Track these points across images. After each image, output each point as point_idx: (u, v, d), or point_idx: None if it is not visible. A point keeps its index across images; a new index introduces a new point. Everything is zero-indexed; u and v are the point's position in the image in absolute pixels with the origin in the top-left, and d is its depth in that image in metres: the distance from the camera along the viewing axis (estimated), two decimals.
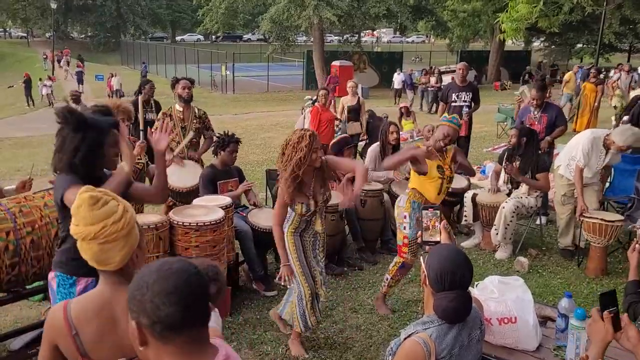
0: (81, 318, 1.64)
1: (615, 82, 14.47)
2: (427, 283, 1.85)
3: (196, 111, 5.53)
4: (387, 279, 4.20)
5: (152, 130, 5.43)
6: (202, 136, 5.60)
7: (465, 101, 7.29)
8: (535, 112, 6.06)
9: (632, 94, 10.65)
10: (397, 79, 21.84)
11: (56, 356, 1.68)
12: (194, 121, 5.46)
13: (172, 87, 5.62)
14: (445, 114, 4.66)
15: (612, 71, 20.57)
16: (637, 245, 2.60)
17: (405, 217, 4.06)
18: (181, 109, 5.42)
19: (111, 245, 1.63)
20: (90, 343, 1.64)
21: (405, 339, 1.85)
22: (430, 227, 2.26)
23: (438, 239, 2.28)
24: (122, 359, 1.67)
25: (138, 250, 1.71)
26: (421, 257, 1.93)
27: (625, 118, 6.93)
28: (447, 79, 21.95)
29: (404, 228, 4.06)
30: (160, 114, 5.48)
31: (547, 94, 6.17)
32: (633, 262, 2.57)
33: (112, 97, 21.96)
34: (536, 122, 6.03)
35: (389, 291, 4.30)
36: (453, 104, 7.30)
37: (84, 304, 1.68)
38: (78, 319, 1.64)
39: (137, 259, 1.72)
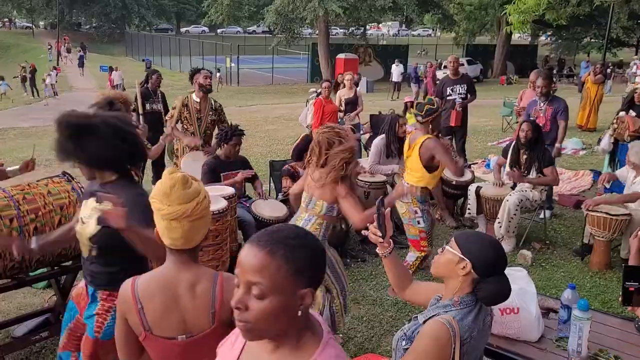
0: (146, 292, 1.72)
1: None
2: (468, 271, 1.83)
3: (212, 103, 5.53)
4: None
5: (167, 118, 5.51)
6: (216, 128, 5.59)
7: (460, 93, 7.23)
8: (541, 104, 6.00)
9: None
10: (396, 70, 21.21)
11: (129, 328, 1.76)
12: (210, 113, 5.46)
13: (190, 78, 5.60)
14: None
15: (635, 66, 20.41)
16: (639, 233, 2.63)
17: (416, 212, 4.07)
18: (198, 100, 5.42)
19: (200, 222, 1.72)
20: (153, 318, 1.72)
21: (425, 321, 1.86)
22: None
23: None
24: (182, 336, 1.73)
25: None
26: (449, 247, 1.91)
27: (622, 114, 6.85)
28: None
29: (418, 223, 4.08)
30: (176, 102, 5.46)
31: (553, 86, 6.12)
32: (634, 247, 2.62)
33: None
34: (541, 114, 5.97)
35: None
36: (448, 97, 7.25)
37: (150, 280, 1.76)
38: (143, 293, 1.72)
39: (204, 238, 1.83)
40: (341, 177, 3.10)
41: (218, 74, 25.10)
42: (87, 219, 2.24)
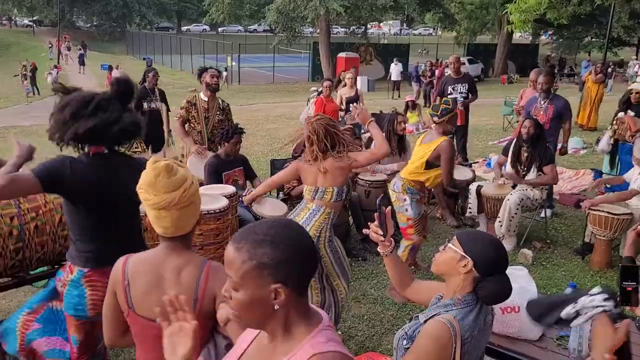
0: (134, 271, 1.76)
1: None
2: (469, 269, 1.83)
3: (220, 102, 5.53)
4: None
5: (176, 117, 5.49)
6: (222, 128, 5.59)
7: (461, 92, 7.21)
8: (542, 102, 6.00)
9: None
10: (395, 70, 20.92)
11: (117, 304, 1.80)
12: (217, 112, 5.46)
13: (198, 77, 5.62)
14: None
15: (637, 66, 20.32)
16: (639, 227, 2.82)
17: (405, 199, 4.21)
18: (206, 99, 5.42)
19: (189, 209, 1.73)
20: (137, 296, 1.75)
21: (426, 321, 1.86)
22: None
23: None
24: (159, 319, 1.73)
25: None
26: (452, 244, 1.91)
27: (621, 114, 6.84)
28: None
29: (406, 210, 4.21)
30: (184, 102, 5.47)
31: (555, 85, 6.13)
32: (629, 239, 2.73)
33: None
34: (542, 112, 5.97)
35: None
36: (449, 96, 7.23)
37: (141, 259, 1.79)
38: (132, 271, 1.76)
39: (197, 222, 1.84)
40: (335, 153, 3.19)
41: (225, 73, 25.02)
42: None
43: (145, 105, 7.12)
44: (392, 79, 21.16)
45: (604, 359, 1.55)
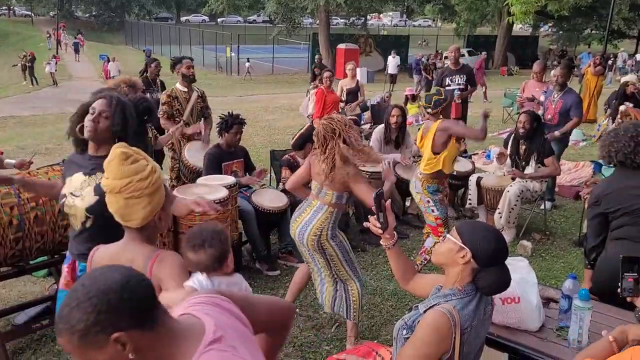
0: (98, 262, 1.82)
1: None
2: (468, 260, 1.84)
3: (197, 89, 5.50)
4: (425, 259, 4.35)
5: (161, 114, 5.37)
6: (203, 116, 5.53)
7: (459, 84, 7.16)
8: (555, 95, 5.97)
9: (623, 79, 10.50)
10: (392, 62, 20.52)
11: None
12: (198, 101, 5.42)
13: (172, 68, 5.56)
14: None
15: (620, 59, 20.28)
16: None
17: (428, 201, 4.23)
18: (186, 89, 5.36)
19: (135, 202, 1.75)
20: None
21: (425, 311, 1.86)
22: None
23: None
24: None
25: (162, 212, 1.83)
26: (451, 235, 1.92)
27: (622, 107, 6.82)
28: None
29: (432, 211, 4.24)
30: (164, 97, 5.35)
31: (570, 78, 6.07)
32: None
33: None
34: (552, 105, 5.95)
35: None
36: (447, 87, 7.19)
37: (105, 250, 1.85)
38: (96, 262, 1.83)
39: (160, 221, 1.84)
40: (346, 162, 3.07)
41: (247, 64, 24.87)
42: (80, 192, 2.30)
43: (147, 95, 7.07)
44: (388, 72, 20.88)
45: None
